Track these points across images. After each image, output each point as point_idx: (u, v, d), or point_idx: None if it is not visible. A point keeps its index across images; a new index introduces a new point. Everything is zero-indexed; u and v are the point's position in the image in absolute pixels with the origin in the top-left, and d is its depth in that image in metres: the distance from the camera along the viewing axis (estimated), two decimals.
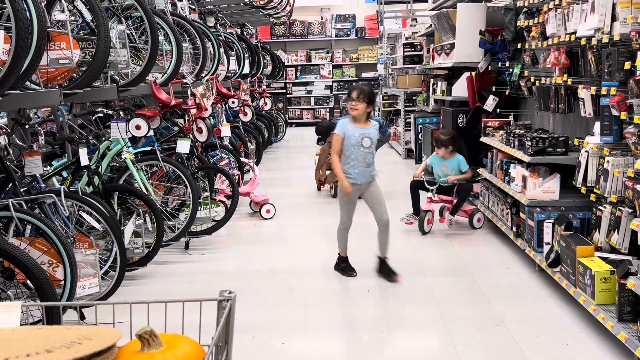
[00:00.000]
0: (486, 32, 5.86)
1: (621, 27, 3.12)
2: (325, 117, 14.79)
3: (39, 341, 1.01)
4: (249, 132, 8.06)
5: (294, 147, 11.64)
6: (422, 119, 8.24)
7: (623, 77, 3.22)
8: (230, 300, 1.23)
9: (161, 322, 1.30)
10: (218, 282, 4.08)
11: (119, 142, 4.38)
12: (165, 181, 4.87)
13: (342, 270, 4.19)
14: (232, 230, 5.46)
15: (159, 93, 4.71)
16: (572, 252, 3.32)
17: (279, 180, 8.15)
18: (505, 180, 4.74)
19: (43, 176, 3.66)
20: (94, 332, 1.10)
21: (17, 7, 2.40)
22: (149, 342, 1.12)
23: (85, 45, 3.51)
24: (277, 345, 3.13)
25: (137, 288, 4.04)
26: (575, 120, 4.50)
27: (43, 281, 2.70)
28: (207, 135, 5.26)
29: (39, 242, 3.09)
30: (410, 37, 9.68)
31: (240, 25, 9.82)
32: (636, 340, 2.66)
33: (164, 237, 4.35)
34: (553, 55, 4.15)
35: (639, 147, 2.97)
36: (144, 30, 4.25)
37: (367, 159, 4.05)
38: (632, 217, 2.99)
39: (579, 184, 3.64)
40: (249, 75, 8.99)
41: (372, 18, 14.54)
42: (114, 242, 3.64)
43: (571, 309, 3.43)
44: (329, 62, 14.94)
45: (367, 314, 3.51)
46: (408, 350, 3.07)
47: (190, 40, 5.56)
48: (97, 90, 3.87)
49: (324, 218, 5.88)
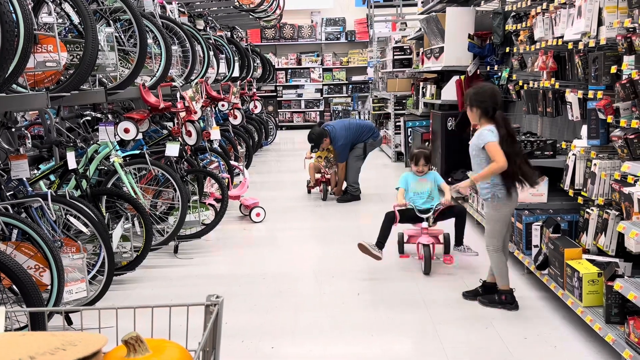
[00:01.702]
0: (475, 36, 5.91)
1: (607, 32, 3.16)
2: (315, 120, 14.81)
3: (22, 347, 1.00)
4: (238, 135, 8.05)
5: (284, 151, 11.63)
6: (411, 122, 8.27)
7: (609, 81, 3.26)
8: (217, 304, 1.22)
9: (148, 327, 1.29)
10: (207, 286, 4.06)
11: (107, 146, 4.35)
12: (154, 185, 4.84)
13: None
14: (221, 234, 5.44)
15: (148, 96, 4.68)
16: (560, 254, 3.35)
17: (269, 183, 8.14)
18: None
19: (30, 180, 3.62)
20: (78, 338, 1.08)
21: (3, 10, 2.38)
22: (135, 347, 1.11)
23: (73, 48, 3.48)
24: (267, 349, 3.12)
25: (125, 292, 4.01)
26: (563, 124, 4.54)
27: (29, 286, 2.67)
28: (196, 138, 5.24)
29: (26, 246, 3.05)
30: (400, 40, 9.72)
31: (230, 28, 9.81)
32: (623, 342, 2.68)
33: (153, 241, 4.32)
34: (541, 59, 4.18)
35: (625, 151, 3.00)
36: (133, 33, 4.23)
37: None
38: (619, 220, 3.02)
39: (566, 186, 3.67)
40: (238, 78, 8.98)
41: (362, 22, 14.59)
42: (101, 246, 3.61)
43: (559, 311, 3.45)
44: (319, 65, 14.96)
45: (357, 317, 3.50)
46: (398, 353, 3.07)
47: (180, 43, 5.54)
48: (85, 93, 3.85)
49: (314, 221, 5.87)
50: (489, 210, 3.55)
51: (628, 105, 2.97)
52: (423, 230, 4.32)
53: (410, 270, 4.27)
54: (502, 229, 3.52)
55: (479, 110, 3.47)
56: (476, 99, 3.48)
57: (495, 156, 3.33)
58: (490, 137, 3.37)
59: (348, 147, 6.61)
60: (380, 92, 10.88)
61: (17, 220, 3.04)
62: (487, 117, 3.46)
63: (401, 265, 4.40)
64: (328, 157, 6.74)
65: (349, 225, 5.79)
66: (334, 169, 6.70)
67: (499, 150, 3.33)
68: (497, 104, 3.46)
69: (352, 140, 6.60)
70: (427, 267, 4.14)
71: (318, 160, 6.76)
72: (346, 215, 6.12)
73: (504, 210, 3.49)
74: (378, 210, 6.26)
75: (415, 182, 4.56)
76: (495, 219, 3.51)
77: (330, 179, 6.70)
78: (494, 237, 3.51)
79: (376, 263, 4.24)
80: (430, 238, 4.23)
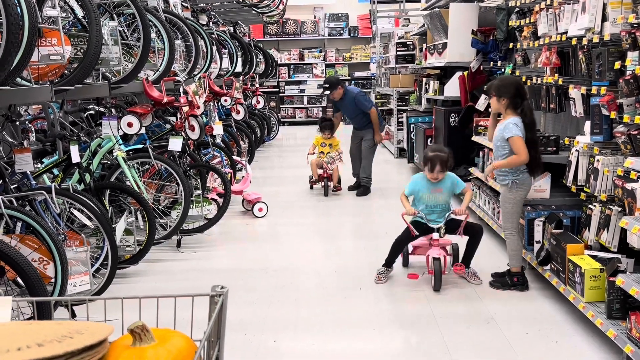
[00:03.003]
0: (478, 32, 5.89)
1: (611, 27, 3.15)
2: (318, 116, 14.80)
3: (29, 335, 1.01)
4: (241, 130, 8.05)
5: (286, 146, 11.63)
6: (414, 118, 8.27)
7: (613, 77, 3.25)
8: (222, 295, 1.23)
9: (153, 319, 1.30)
10: (210, 280, 4.07)
11: (110, 140, 4.36)
12: (157, 179, 4.85)
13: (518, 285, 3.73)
14: (224, 229, 5.46)
15: (151, 90, 4.69)
16: (562, 250, 3.35)
17: (271, 179, 8.14)
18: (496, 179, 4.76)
19: (34, 173, 3.63)
20: (85, 326, 1.09)
21: (7, 3, 2.39)
22: (141, 336, 1.11)
23: (77, 42, 3.49)
24: (269, 342, 3.13)
25: (128, 286, 4.03)
26: (566, 120, 4.53)
27: (33, 278, 2.69)
28: (199, 133, 5.25)
29: (30, 239, 3.07)
30: (403, 36, 9.70)
31: (233, 23, 9.80)
32: (625, 337, 2.68)
33: (156, 235, 4.34)
34: (544, 55, 4.18)
35: (628, 146, 2.99)
36: (136, 27, 4.24)
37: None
38: (622, 216, 3.02)
39: (569, 182, 3.67)
40: (241, 73, 8.97)
41: (365, 17, 14.56)
42: (105, 239, 3.63)
43: (561, 307, 3.46)
44: (321, 61, 14.94)
45: (359, 311, 3.51)
46: (399, 347, 3.08)
47: (183, 37, 5.54)
48: (88, 87, 3.85)
49: (317, 217, 5.88)
50: (505, 193, 3.73)
51: (631, 101, 2.97)
52: (433, 241, 3.83)
53: (412, 266, 4.28)
54: (517, 210, 3.71)
55: (507, 101, 3.61)
56: (505, 90, 3.61)
57: (518, 150, 3.53)
58: (515, 131, 3.54)
59: (366, 96, 6.88)
60: (383, 88, 10.86)
61: (22, 213, 3.05)
62: (514, 108, 3.61)
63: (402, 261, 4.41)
64: (330, 153, 6.76)
65: (351, 221, 5.80)
66: (336, 165, 6.72)
67: (523, 145, 3.53)
68: (523, 95, 3.63)
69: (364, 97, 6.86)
70: (437, 283, 3.72)
71: (320, 156, 6.79)
72: (348, 211, 6.12)
73: (520, 194, 3.69)
74: (379, 206, 6.28)
75: (428, 194, 3.91)
76: (510, 201, 3.70)
77: (333, 175, 6.71)
78: (511, 219, 3.71)
79: (378, 259, 4.24)
80: (441, 250, 3.78)
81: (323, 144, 6.88)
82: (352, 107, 6.74)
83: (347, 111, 6.90)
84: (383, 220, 5.61)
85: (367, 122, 6.81)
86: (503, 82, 3.70)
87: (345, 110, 6.92)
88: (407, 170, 8.27)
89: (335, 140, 6.90)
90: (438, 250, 3.77)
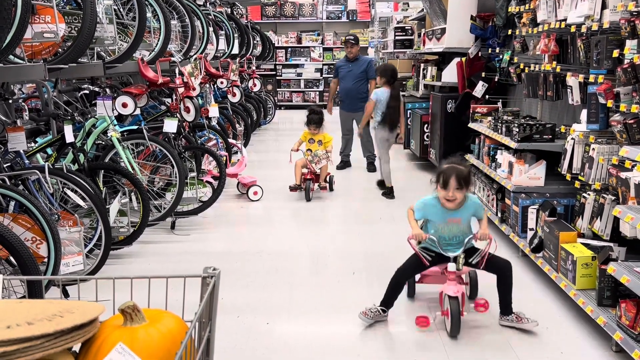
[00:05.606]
0: (477, 18, 5.85)
1: (611, 15, 3.13)
2: (315, 101, 14.73)
3: (19, 313, 1.01)
4: (237, 113, 8.00)
5: (282, 130, 11.59)
6: (411, 104, 8.23)
7: (611, 65, 3.24)
8: (214, 276, 1.23)
9: (145, 299, 1.29)
10: (204, 263, 4.04)
11: (105, 120, 4.33)
12: (151, 160, 4.83)
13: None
14: (218, 211, 5.45)
15: (146, 71, 4.65)
16: (555, 237, 3.37)
17: (267, 162, 8.12)
18: (491, 166, 4.77)
19: (27, 152, 3.61)
20: (76, 305, 1.09)
21: None
22: (132, 316, 1.12)
23: (71, 20, 3.44)
24: (262, 325, 3.15)
25: (121, 267, 4.03)
26: (563, 108, 4.53)
27: (26, 257, 2.68)
28: (194, 115, 5.21)
29: (23, 218, 3.05)
30: (402, 21, 9.64)
31: (230, 4, 9.70)
32: (614, 324, 2.71)
33: (150, 216, 4.34)
34: (543, 42, 4.15)
35: (624, 135, 2.99)
36: (132, 6, 4.18)
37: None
38: (615, 205, 3.03)
39: (564, 170, 3.67)
40: (238, 55, 8.90)
41: (363, 1, 14.43)
42: (99, 220, 3.62)
43: (552, 294, 3.49)
44: (319, 44, 14.84)
45: (352, 296, 3.53)
46: (392, 334, 3.10)
47: (179, 18, 5.48)
48: (83, 66, 3.81)
49: (312, 201, 5.88)
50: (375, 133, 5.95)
51: (629, 90, 2.96)
52: (449, 275, 2.97)
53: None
54: (384, 145, 5.91)
55: (384, 80, 5.84)
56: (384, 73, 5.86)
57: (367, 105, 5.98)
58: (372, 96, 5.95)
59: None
60: None
61: (14, 192, 3.03)
62: (387, 84, 5.83)
63: (398, 250, 4.42)
64: (317, 151, 5.95)
65: (346, 206, 5.81)
66: (323, 163, 5.95)
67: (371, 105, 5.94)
68: (395, 77, 5.86)
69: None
70: (454, 328, 2.88)
71: (307, 154, 5.95)
72: (343, 197, 6.12)
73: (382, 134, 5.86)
74: (376, 192, 6.28)
75: (443, 224, 3.07)
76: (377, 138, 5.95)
77: (321, 174, 5.97)
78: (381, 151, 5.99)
79: (372, 244, 4.25)
80: (459, 286, 2.94)
81: (311, 140, 6.01)
82: (359, 71, 6.84)
83: (350, 76, 6.93)
84: (377, 206, 5.63)
85: (360, 97, 6.92)
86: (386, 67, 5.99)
87: (348, 75, 6.96)
88: (404, 157, 8.27)
89: (327, 137, 6.05)
90: (455, 287, 2.92)
